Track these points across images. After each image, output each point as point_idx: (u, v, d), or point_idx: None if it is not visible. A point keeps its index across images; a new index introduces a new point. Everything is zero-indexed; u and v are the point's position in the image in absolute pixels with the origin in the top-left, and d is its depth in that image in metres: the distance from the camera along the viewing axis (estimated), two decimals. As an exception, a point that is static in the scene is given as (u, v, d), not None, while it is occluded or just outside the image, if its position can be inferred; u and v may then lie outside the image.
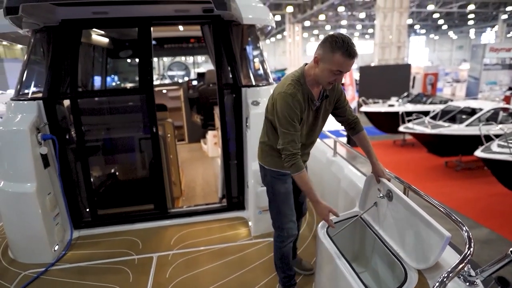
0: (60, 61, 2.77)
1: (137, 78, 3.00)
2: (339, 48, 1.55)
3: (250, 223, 3.13)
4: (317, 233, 2.01)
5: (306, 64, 1.81)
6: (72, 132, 2.98)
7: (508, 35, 34.63)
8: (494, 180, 5.40)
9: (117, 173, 3.49)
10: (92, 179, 3.08)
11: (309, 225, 3.08)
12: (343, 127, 2.10)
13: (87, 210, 3.14)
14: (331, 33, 1.66)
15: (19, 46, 23.34)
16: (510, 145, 5.00)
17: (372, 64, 17.46)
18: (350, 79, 12.34)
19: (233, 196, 3.35)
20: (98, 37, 4.02)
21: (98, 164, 3.32)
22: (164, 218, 3.26)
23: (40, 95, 2.79)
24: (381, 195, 1.95)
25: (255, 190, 2.88)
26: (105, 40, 4.26)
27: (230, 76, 3.06)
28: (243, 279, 2.42)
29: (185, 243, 2.91)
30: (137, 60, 3.06)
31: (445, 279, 1.12)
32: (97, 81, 4.41)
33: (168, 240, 2.96)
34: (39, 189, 2.62)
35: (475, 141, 6.02)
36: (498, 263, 1.27)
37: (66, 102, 2.93)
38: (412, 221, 1.69)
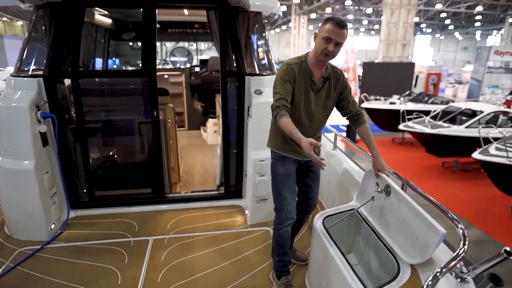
0: (62, 39, 2.73)
1: (139, 61, 2.97)
2: (329, 20, 1.83)
3: (246, 212, 3.15)
4: (313, 224, 2.03)
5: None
6: (72, 112, 2.96)
7: (514, 39, 34.42)
8: (489, 182, 5.43)
9: (115, 155, 3.48)
10: (90, 160, 3.07)
11: None
12: (344, 122, 2.13)
13: (85, 190, 3.14)
14: None
15: (20, 23, 23.03)
16: (508, 148, 5.02)
17: (376, 61, 17.36)
18: (353, 74, 12.28)
19: (231, 184, 3.36)
20: (102, 17, 3.96)
21: (97, 145, 3.31)
22: (161, 202, 3.27)
23: (40, 72, 2.76)
24: (379, 189, 1.97)
25: (254, 179, 2.89)
26: (109, 20, 4.20)
27: (234, 63, 3.04)
28: (237, 266, 2.45)
29: (181, 228, 2.93)
30: (140, 43, 3.02)
31: (438, 274, 1.14)
32: (99, 62, 4.36)
33: (165, 224, 2.98)
34: (37, 167, 2.62)
35: (474, 143, 6.04)
36: (490, 261, 1.29)
37: (67, 82, 2.90)
38: (409, 216, 1.70)
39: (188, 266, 2.45)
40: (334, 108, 2.12)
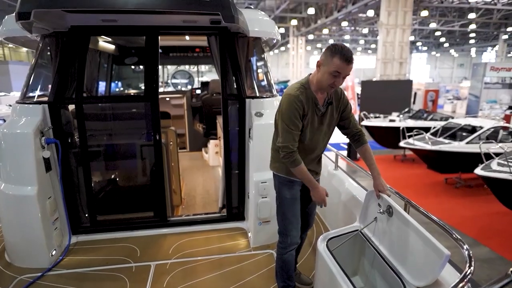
0: (67, 66, 2.80)
1: (141, 84, 3.03)
2: (337, 53, 1.75)
3: (249, 234, 3.11)
4: (316, 247, 2.01)
5: (310, 74, 1.97)
6: (76, 137, 3.00)
7: (509, 55, 35.02)
8: (493, 198, 5.38)
9: (118, 179, 3.49)
10: (92, 184, 3.08)
11: (309, 239, 3.06)
12: (344, 141, 2.15)
13: (86, 215, 3.13)
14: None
15: (25, 49, 23.61)
16: (510, 164, 5.01)
17: (374, 79, 17.62)
18: (352, 93, 12.44)
19: (233, 207, 3.34)
20: (106, 43, 4.07)
21: (100, 169, 3.33)
22: (163, 226, 3.24)
23: (45, 99, 2.81)
24: (381, 210, 1.96)
25: (256, 201, 2.88)
26: (112, 47, 4.32)
27: (235, 86, 3.10)
28: None
29: (183, 252, 2.89)
30: (142, 67, 3.10)
31: (445, 298, 1.12)
32: (103, 87, 4.45)
33: (167, 249, 2.95)
34: (39, 192, 2.62)
35: (475, 158, 6.03)
36: (498, 283, 1.27)
37: (71, 107, 2.95)
38: (412, 237, 1.69)
39: None
40: None
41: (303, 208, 2.19)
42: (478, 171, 5.32)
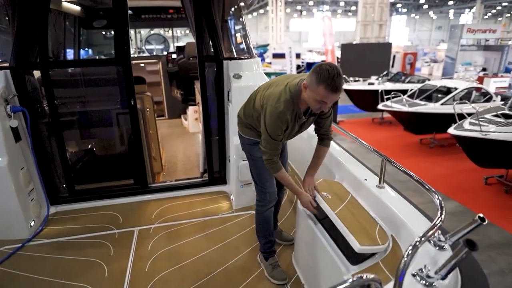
0: (28, 28, 2.58)
1: (112, 50, 2.86)
2: (324, 81, 1.59)
3: (231, 197, 3.16)
4: (297, 205, 2.06)
5: (302, 79, 1.79)
6: (45, 105, 2.84)
7: (485, 17, 35.32)
8: (464, 156, 5.66)
9: (94, 148, 3.39)
10: (68, 154, 2.98)
11: (289, 199, 3.15)
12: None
13: (64, 185, 3.06)
14: (322, 62, 1.73)
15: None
16: (481, 122, 5.22)
17: (354, 42, 17.47)
18: (332, 56, 12.33)
19: (215, 171, 3.35)
20: (70, 4, 3.76)
21: (74, 138, 3.21)
22: (144, 193, 3.23)
23: (7, 64, 2.61)
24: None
25: (237, 164, 2.89)
26: (78, 8, 4.00)
27: (212, 48, 2.97)
28: (224, 251, 2.47)
29: (166, 217, 2.92)
30: (112, 30, 2.90)
31: (417, 243, 1.18)
32: (71, 52, 4.18)
33: (149, 215, 2.96)
34: (10, 163, 2.51)
35: (449, 119, 6.24)
36: (465, 228, 1.35)
37: (37, 73, 2.76)
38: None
39: (176, 253, 2.45)
40: None
41: None
42: (451, 130, 5.52)
